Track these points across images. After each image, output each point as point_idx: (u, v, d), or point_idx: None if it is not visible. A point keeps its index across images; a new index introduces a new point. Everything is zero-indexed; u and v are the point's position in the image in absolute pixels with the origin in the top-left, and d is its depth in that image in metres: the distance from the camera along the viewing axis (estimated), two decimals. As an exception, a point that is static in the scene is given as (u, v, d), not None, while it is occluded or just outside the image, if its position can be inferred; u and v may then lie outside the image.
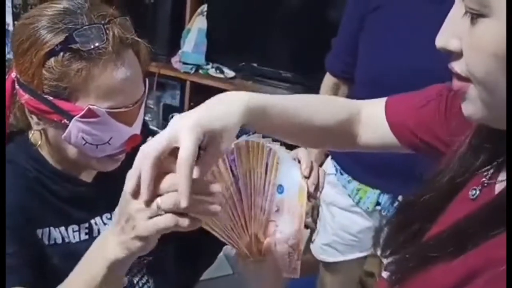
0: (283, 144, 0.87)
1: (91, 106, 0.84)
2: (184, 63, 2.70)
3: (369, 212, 1.64)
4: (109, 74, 0.83)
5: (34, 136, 0.92)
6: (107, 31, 0.83)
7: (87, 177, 1.00)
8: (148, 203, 0.63)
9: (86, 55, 0.82)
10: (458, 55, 0.55)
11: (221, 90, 3.00)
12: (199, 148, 0.64)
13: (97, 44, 0.81)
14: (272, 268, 0.81)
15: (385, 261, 0.78)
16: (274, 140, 0.85)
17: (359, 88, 1.58)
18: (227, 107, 0.68)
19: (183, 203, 0.60)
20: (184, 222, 0.63)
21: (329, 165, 1.72)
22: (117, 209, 0.69)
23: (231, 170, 0.80)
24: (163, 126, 3.26)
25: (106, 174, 0.98)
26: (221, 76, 2.68)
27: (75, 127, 0.85)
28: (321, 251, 1.79)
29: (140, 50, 0.91)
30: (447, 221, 0.64)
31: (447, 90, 0.81)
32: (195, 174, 0.63)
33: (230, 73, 2.70)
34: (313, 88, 2.72)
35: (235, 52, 2.76)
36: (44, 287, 0.81)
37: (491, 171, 0.64)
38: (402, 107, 0.89)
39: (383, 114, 0.90)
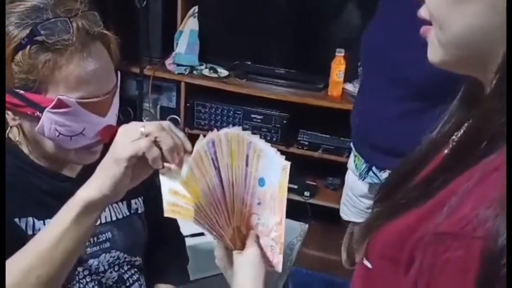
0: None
1: (60, 97, 0.86)
2: (178, 65, 2.70)
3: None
4: (76, 65, 0.86)
5: (13, 132, 0.94)
6: (72, 24, 0.85)
7: (70, 172, 1.01)
8: None
9: (52, 47, 0.84)
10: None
11: (215, 90, 2.99)
12: None
13: (62, 36, 0.84)
14: (255, 261, 0.79)
15: None
16: (254, 133, 0.85)
17: None
18: None
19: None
20: (155, 151, 0.78)
21: None
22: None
23: (213, 163, 0.80)
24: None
25: (89, 170, 0.98)
26: (215, 75, 2.67)
27: (47, 119, 0.87)
28: (341, 209, 1.89)
29: (109, 43, 0.93)
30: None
31: None
32: None
33: (223, 72, 2.70)
34: (307, 83, 2.71)
35: (228, 51, 2.76)
36: None
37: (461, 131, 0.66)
38: None
39: None
